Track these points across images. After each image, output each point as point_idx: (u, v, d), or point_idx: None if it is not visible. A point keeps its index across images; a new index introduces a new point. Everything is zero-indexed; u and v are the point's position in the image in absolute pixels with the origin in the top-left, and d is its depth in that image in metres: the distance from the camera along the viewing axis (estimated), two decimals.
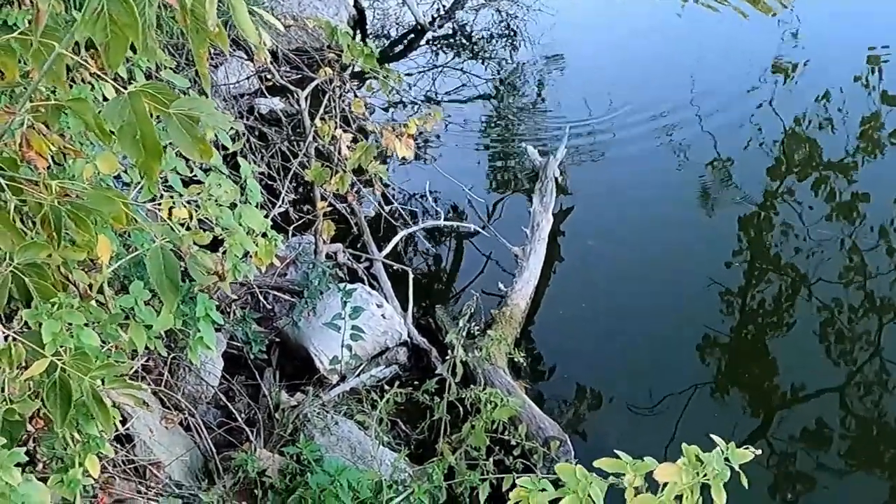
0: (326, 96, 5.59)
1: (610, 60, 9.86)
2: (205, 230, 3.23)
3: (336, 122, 5.36)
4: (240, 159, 3.60)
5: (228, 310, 5.15)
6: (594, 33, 10.56)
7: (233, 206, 3.50)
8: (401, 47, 10.43)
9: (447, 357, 4.62)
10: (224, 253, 2.99)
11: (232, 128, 5.81)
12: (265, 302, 5.48)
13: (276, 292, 5.55)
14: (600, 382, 5.47)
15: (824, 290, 6.03)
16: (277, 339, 5.24)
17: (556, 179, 6.72)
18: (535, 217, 6.24)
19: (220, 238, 3.38)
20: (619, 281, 6.29)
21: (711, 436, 2.13)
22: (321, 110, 5.43)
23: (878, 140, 7.76)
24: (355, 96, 5.65)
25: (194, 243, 2.86)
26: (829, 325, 5.79)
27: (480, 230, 6.48)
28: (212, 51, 6.55)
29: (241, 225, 3.47)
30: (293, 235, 6.09)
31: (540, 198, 6.42)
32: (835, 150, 7.59)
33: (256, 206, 3.72)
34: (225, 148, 4.29)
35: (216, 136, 3.26)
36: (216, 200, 3.32)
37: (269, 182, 6.30)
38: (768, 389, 5.42)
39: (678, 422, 5.10)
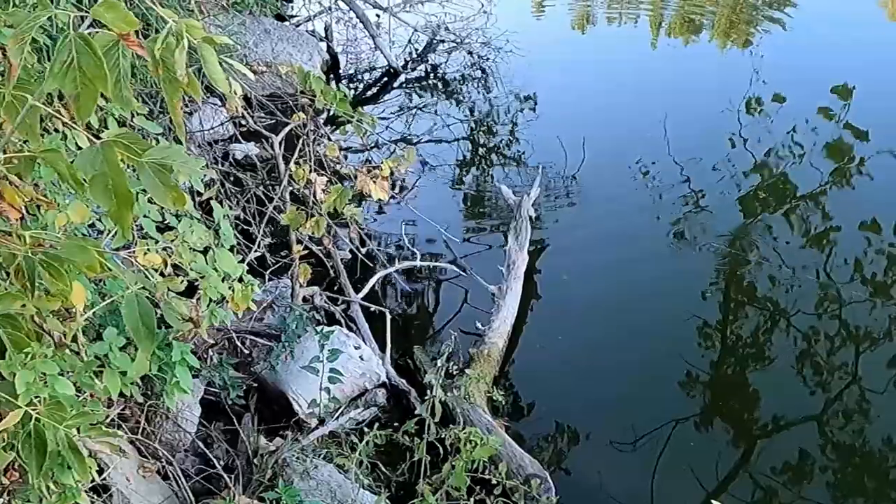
0: (300, 140, 5.63)
1: (583, 99, 10.06)
2: (179, 276, 3.24)
3: (310, 166, 5.41)
4: (213, 204, 3.61)
5: (205, 355, 5.13)
6: (567, 73, 10.76)
7: (207, 250, 3.52)
8: (375, 90, 10.56)
9: (426, 397, 4.61)
10: (198, 299, 2.99)
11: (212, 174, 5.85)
12: (242, 347, 5.46)
13: (253, 337, 5.53)
14: (581, 418, 5.44)
15: (801, 321, 6.09)
16: (255, 384, 5.21)
17: (531, 218, 6.78)
18: (510, 255, 6.29)
19: (195, 283, 3.39)
20: (596, 317, 6.33)
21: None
22: (295, 154, 5.47)
23: (848, 171, 7.90)
24: (329, 140, 5.69)
25: (168, 290, 2.86)
26: (806, 355, 5.82)
27: (457, 269, 6.51)
28: (186, 98, 6.59)
29: (215, 269, 3.49)
30: (270, 280, 6.09)
31: (515, 236, 6.48)
32: (806, 181, 7.72)
33: (231, 251, 3.74)
34: (199, 194, 4.32)
35: (189, 182, 3.28)
36: (190, 246, 3.34)
37: (245, 227, 6.32)
38: (749, 421, 5.42)
39: (660, 456, 5.09)
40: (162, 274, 3.14)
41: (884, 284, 6.37)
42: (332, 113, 5.99)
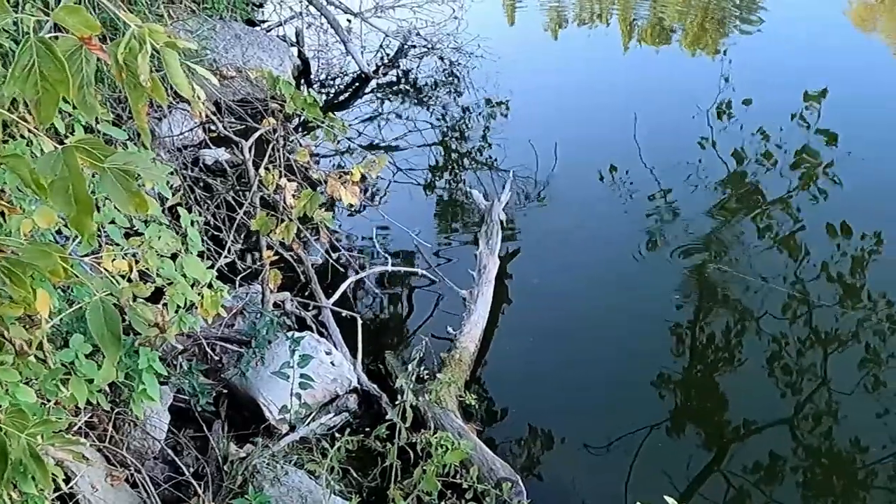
0: (270, 146, 5.61)
1: (555, 103, 10.09)
2: (147, 282, 3.22)
3: (280, 172, 5.39)
4: (180, 210, 3.59)
5: (175, 362, 5.09)
6: (538, 78, 10.81)
7: (175, 256, 3.51)
8: (346, 95, 10.54)
9: (397, 402, 4.61)
10: (165, 305, 2.97)
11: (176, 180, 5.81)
12: (212, 353, 5.43)
13: (223, 343, 5.50)
14: (553, 422, 5.45)
15: (770, 324, 6.13)
16: (225, 391, 5.18)
17: (502, 222, 6.80)
18: (481, 260, 6.31)
19: (163, 289, 3.37)
20: (568, 321, 6.34)
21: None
22: (265, 160, 5.45)
23: (817, 175, 7.99)
24: (300, 145, 5.67)
25: (134, 296, 2.84)
26: (776, 358, 5.86)
27: (428, 274, 6.51)
28: (155, 103, 6.55)
29: (183, 275, 3.47)
30: (240, 285, 6.07)
31: (486, 241, 6.49)
32: (776, 186, 7.81)
33: (200, 256, 3.72)
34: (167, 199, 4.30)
35: (155, 188, 3.26)
36: (157, 252, 3.32)
37: (216, 233, 6.29)
38: (720, 424, 5.45)
39: (634, 460, 5.10)
40: (130, 280, 3.12)
41: (853, 288, 6.43)
42: (303, 118, 5.98)
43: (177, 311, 3.75)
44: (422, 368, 4.79)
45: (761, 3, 13.64)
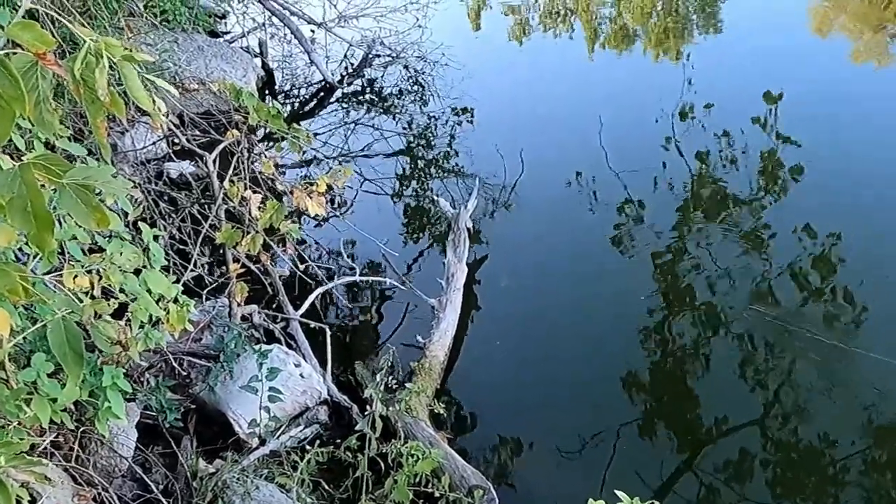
0: (235, 158, 5.58)
1: (520, 110, 10.16)
2: (110, 298, 3.19)
3: (245, 184, 5.36)
4: (141, 224, 3.56)
5: (142, 379, 5.04)
6: (504, 84, 10.88)
7: (139, 272, 3.47)
8: (311, 105, 10.52)
9: (366, 413, 4.59)
10: (128, 321, 2.94)
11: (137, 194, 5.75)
12: (180, 368, 5.38)
13: (191, 358, 5.46)
14: (525, 427, 5.47)
15: (738, 324, 6.18)
16: (194, 406, 5.13)
17: (469, 230, 6.81)
18: (449, 268, 6.31)
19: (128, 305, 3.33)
20: (537, 326, 6.37)
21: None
22: (230, 172, 5.42)
23: (778, 175, 8.09)
24: (264, 157, 5.64)
25: (97, 313, 2.81)
26: (744, 357, 5.92)
27: (397, 284, 6.51)
28: (118, 117, 6.49)
29: (148, 291, 3.44)
30: (208, 299, 6.02)
31: (453, 249, 6.50)
32: (739, 187, 7.90)
33: (166, 271, 3.69)
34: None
35: (116, 202, 3.23)
36: (119, 267, 3.28)
37: (182, 247, 6.23)
38: (692, 423, 5.50)
39: (609, 463, 5.14)
40: (92, 297, 3.08)
41: (817, 286, 6.50)
42: (268, 129, 5.95)
43: (141, 327, 3.71)
44: (390, 378, 4.78)
45: (722, 8, 13.81)
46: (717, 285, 6.58)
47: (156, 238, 3.46)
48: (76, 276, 3.11)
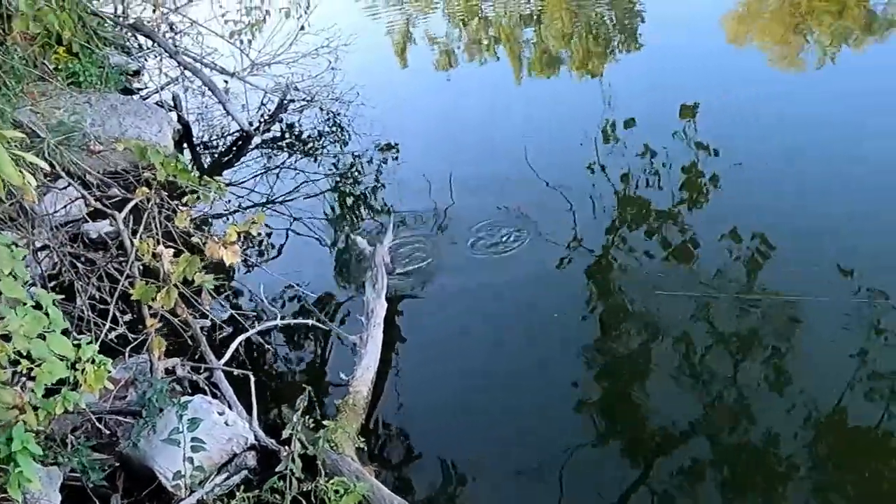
0: (145, 214, 5.66)
1: (448, 141, 10.34)
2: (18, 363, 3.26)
3: (158, 239, 5.45)
4: (38, 290, 3.63)
5: (66, 441, 5.06)
6: (431, 116, 11.14)
7: (43, 336, 3.55)
8: (231, 155, 10.59)
9: (285, 453, 4.68)
10: (22, 386, 3.02)
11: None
12: (105, 427, 5.41)
13: (116, 416, 5.49)
14: (461, 455, 5.51)
15: (675, 332, 6.34)
16: (119, 463, 5.16)
17: (387, 265, 6.95)
18: (368, 304, 6.43)
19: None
20: (468, 353, 6.46)
21: None
22: (141, 229, 5.51)
23: (701, 186, 8.38)
24: (175, 211, 5.71)
25: None
26: (684, 364, 6.06)
27: (319, 325, 6.60)
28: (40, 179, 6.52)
29: (52, 354, 3.52)
30: (131, 356, 6.05)
31: (372, 285, 6.63)
32: (663, 199, 8.17)
33: (87, 332, 3.75)
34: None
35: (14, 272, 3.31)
36: (24, 334, 3.36)
37: (103, 306, 6.25)
38: (642, 435, 5.56)
39: (562, 485, 5.19)
40: None
41: (748, 289, 6.69)
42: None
43: (56, 392, 3.78)
44: (307, 418, 4.87)
45: (640, 26, 14.28)
46: (650, 296, 6.70)
47: (53, 303, 3.53)
48: None
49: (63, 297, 6.19)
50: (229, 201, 9.19)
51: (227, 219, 8.94)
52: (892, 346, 6.00)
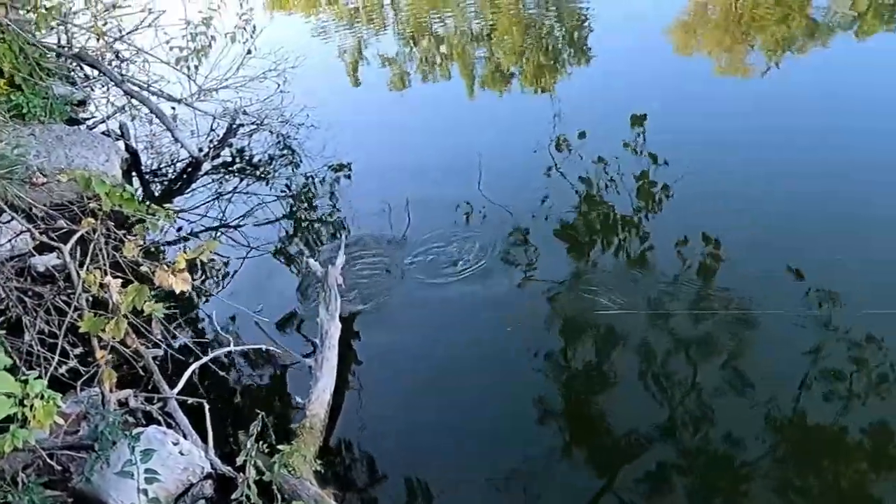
0: (92, 245, 5.61)
1: (403, 159, 10.30)
2: None
3: (105, 270, 5.39)
4: None
5: (17, 479, 4.97)
6: (385, 135, 11.11)
7: None
8: (182, 182, 10.50)
9: (241, 480, 4.65)
10: None
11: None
12: (57, 464, 5.32)
13: (68, 452, 5.40)
14: (425, 473, 5.52)
15: (635, 340, 6.41)
16: (72, 500, 5.08)
17: (339, 286, 6.94)
18: (322, 326, 6.41)
19: None
20: (427, 370, 6.47)
21: None
22: (88, 260, 5.45)
23: (653, 194, 8.49)
24: (123, 241, 5.66)
25: None
26: (646, 371, 6.11)
27: (274, 349, 6.56)
28: None
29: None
30: (83, 390, 5.97)
31: (325, 307, 6.61)
32: (618, 209, 8.27)
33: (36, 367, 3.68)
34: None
35: None
36: None
37: (53, 340, 6.16)
38: (607, 443, 5.62)
39: (526, 496, 5.23)
40: None
41: (703, 293, 6.81)
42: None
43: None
44: (262, 443, 4.84)
45: (589, 40, 14.47)
46: (608, 304, 6.76)
47: None
48: None
49: (10, 332, 6.14)
50: (180, 228, 9.12)
51: (180, 246, 8.85)
52: (844, 342, 6.12)
